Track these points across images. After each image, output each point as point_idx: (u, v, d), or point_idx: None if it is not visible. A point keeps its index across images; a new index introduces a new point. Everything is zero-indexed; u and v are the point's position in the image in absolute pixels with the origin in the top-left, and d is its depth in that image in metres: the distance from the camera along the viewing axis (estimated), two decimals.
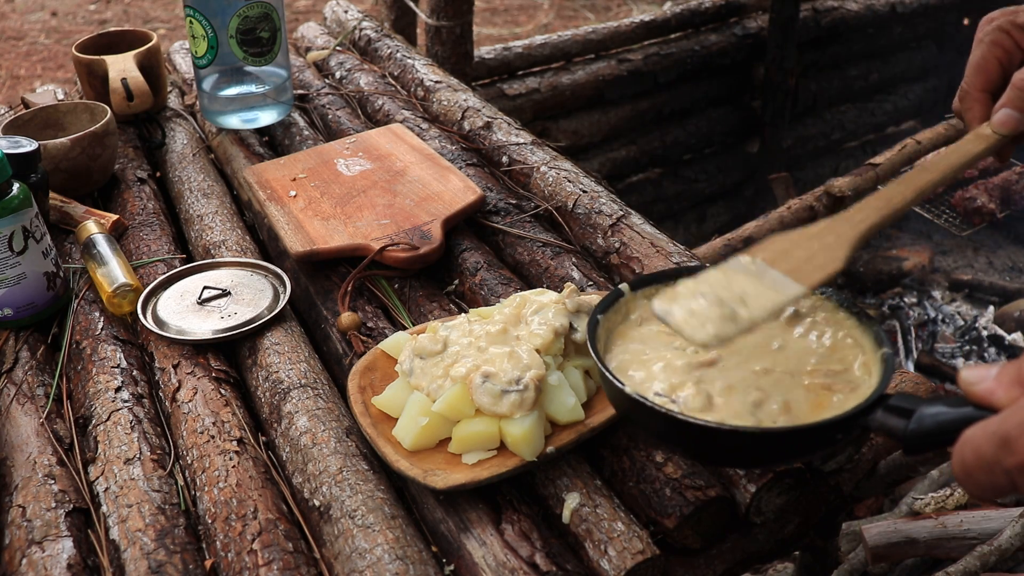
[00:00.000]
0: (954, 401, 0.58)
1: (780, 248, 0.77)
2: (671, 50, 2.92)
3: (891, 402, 0.63)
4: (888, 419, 0.63)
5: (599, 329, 0.79)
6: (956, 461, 0.54)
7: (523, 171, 1.31)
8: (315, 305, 1.08)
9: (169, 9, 4.77)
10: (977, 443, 0.53)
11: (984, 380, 0.56)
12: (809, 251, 0.76)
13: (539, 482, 0.81)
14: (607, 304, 0.81)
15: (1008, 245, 3.08)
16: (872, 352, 0.75)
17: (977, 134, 0.80)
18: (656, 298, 0.75)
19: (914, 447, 0.61)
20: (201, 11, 1.33)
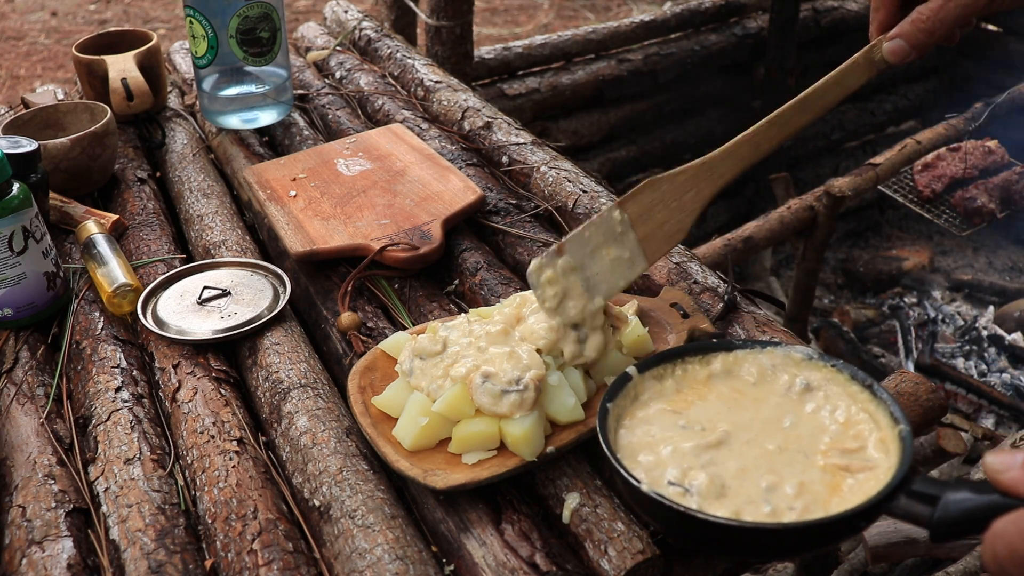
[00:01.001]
0: (979, 486, 0.58)
1: (648, 202, 0.84)
2: (671, 50, 2.92)
3: (915, 487, 0.62)
4: (912, 506, 0.61)
5: (609, 418, 0.75)
6: (988, 554, 0.54)
7: (523, 171, 1.31)
8: (315, 305, 1.09)
9: (169, 9, 4.77)
10: (1010, 539, 0.53)
11: (1011, 469, 0.56)
12: (668, 210, 0.83)
13: (539, 482, 0.81)
14: (616, 390, 0.78)
15: (1008, 245, 3.08)
16: (888, 428, 0.72)
17: (864, 61, 0.80)
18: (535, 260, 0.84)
19: (941, 536, 0.60)
20: (201, 11, 1.33)
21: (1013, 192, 2.39)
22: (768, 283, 2.95)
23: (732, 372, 0.82)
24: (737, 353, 0.82)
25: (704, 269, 1.06)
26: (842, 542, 0.83)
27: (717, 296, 1.01)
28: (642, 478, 0.69)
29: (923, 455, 1.63)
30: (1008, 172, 2.43)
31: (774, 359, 0.81)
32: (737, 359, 0.82)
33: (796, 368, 0.80)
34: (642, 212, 0.84)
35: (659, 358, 0.82)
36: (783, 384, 0.79)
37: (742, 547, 0.68)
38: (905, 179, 2.46)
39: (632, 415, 0.78)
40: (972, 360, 2.46)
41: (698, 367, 0.82)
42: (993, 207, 2.35)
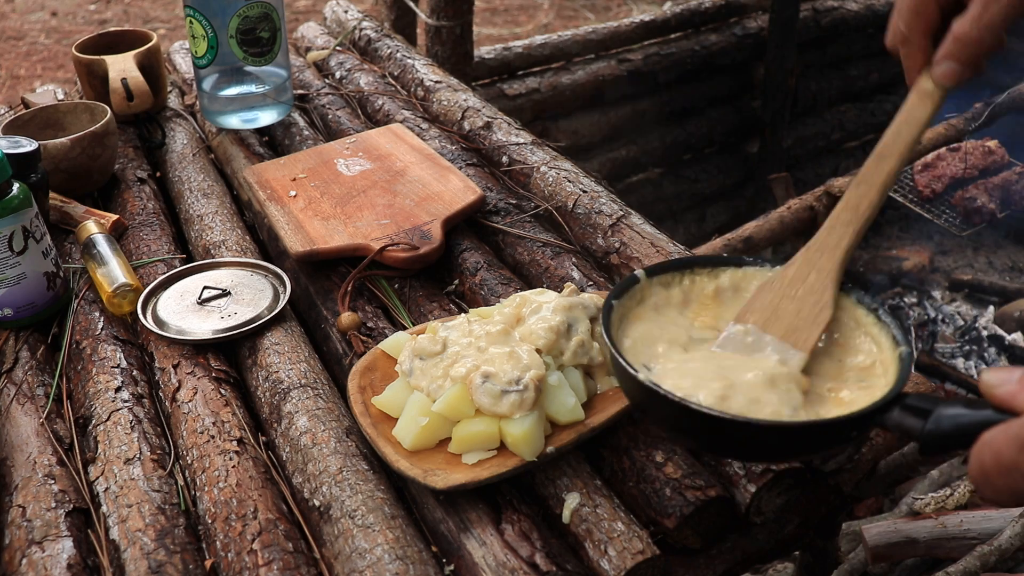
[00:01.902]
0: (973, 403, 0.58)
1: (767, 304, 0.77)
2: (671, 50, 2.92)
3: (908, 401, 0.62)
4: (905, 418, 0.62)
5: (613, 314, 0.77)
6: (974, 463, 0.53)
7: (523, 171, 1.31)
8: (315, 305, 1.08)
9: (169, 9, 4.77)
10: (997, 446, 0.52)
11: (1007, 383, 0.55)
12: (795, 300, 0.76)
13: (539, 482, 0.81)
14: (622, 290, 0.79)
15: (1008, 245, 3.08)
16: (890, 350, 0.73)
17: (921, 94, 0.76)
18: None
19: (931, 447, 0.60)
20: (201, 11, 1.33)
21: (1013, 192, 2.39)
22: None
23: (740, 288, 0.82)
24: (747, 270, 0.82)
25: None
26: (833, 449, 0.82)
27: None
28: (640, 370, 0.70)
29: None
30: (1008, 172, 2.43)
31: None
32: (746, 275, 0.82)
33: None
34: (766, 316, 0.77)
35: (668, 265, 0.83)
36: None
37: (730, 444, 0.69)
38: (905, 179, 2.46)
39: (637, 317, 0.79)
40: (972, 360, 2.46)
41: (706, 279, 0.82)
42: (993, 207, 2.35)
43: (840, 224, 0.76)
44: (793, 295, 0.76)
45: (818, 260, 0.76)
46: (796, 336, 0.75)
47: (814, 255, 0.77)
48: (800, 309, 0.75)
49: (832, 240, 0.76)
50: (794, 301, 0.76)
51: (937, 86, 0.75)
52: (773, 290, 0.77)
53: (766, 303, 0.77)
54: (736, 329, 0.77)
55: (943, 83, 0.75)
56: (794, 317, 0.75)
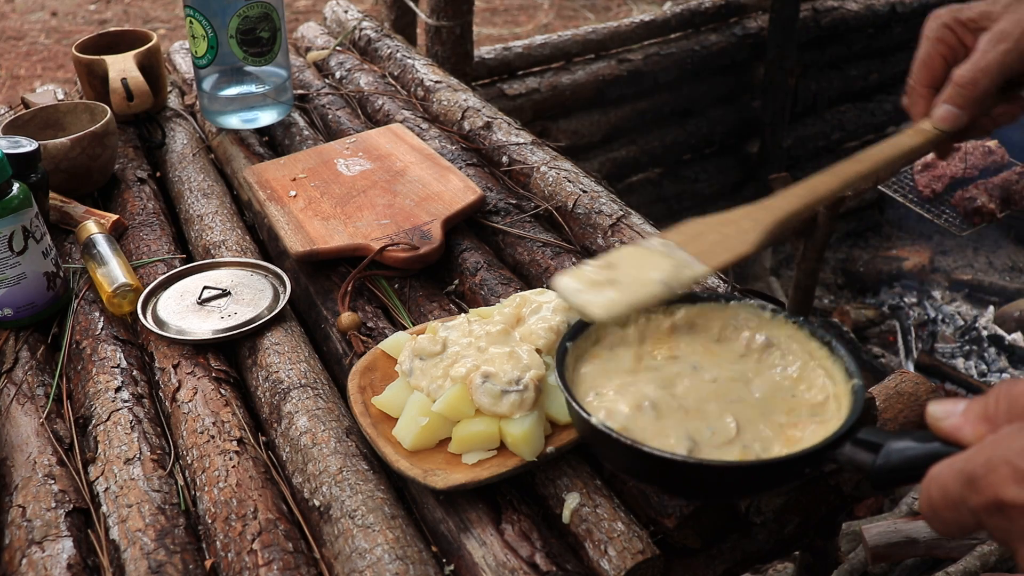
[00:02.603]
0: (921, 435, 0.58)
1: (694, 231, 0.81)
2: (671, 50, 2.91)
3: (859, 436, 0.63)
4: (856, 453, 0.62)
5: (568, 356, 0.77)
6: (923, 498, 0.54)
7: (523, 171, 1.31)
8: (315, 305, 1.08)
9: (169, 9, 4.77)
10: (943, 481, 0.52)
11: (951, 416, 0.55)
12: (722, 235, 0.80)
13: (539, 482, 0.81)
14: (577, 331, 0.79)
15: (1008, 245, 3.08)
16: (843, 383, 0.73)
17: (916, 129, 0.81)
18: (560, 275, 0.79)
19: (881, 482, 0.60)
20: (201, 11, 1.33)
21: (1013, 192, 2.39)
22: (768, 283, 2.95)
23: (695, 324, 0.82)
24: (701, 306, 0.82)
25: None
26: (786, 487, 0.83)
27: None
28: (595, 412, 0.71)
29: None
30: (1008, 172, 2.43)
31: (737, 313, 0.82)
32: (701, 311, 0.82)
33: (758, 323, 0.81)
34: (688, 238, 0.80)
35: None
36: (744, 339, 0.80)
37: (684, 485, 0.70)
38: (905, 179, 2.46)
39: (593, 357, 0.79)
40: (972, 360, 2.46)
41: (662, 317, 0.82)
42: (993, 207, 2.35)
43: (793, 195, 0.81)
44: (721, 231, 0.80)
45: (757, 213, 0.80)
46: (707, 255, 0.78)
47: (756, 210, 0.81)
48: (722, 241, 0.79)
49: (778, 203, 0.81)
50: (720, 235, 0.80)
51: (933, 126, 0.79)
52: (705, 223, 0.82)
53: (692, 230, 0.81)
54: (654, 241, 0.81)
55: (940, 125, 0.79)
56: (713, 244, 0.79)
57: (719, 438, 0.70)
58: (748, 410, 0.73)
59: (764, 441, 0.70)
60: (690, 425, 0.71)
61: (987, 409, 0.54)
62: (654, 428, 0.71)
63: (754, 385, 0.76)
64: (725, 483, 0.68)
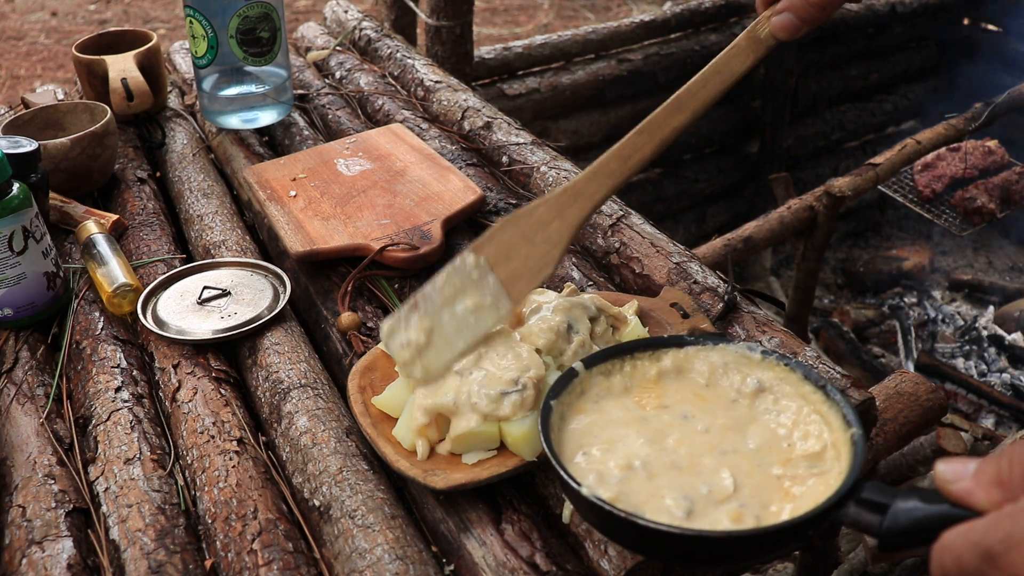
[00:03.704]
0: (929, 495, 0.56)
1: (506, 241, 0.77)
2: (671, 50, 2.92)
3: (864, 495, 0.60)
4: (861, 514, 0.60)
5: (552, 415, 0.73)
6: (935, 567, 0.52)
7: (523, 171, 1.31)
8: (315, 305, 1.09)
9: (169, 9, 4.77)
10: (958, 552, 0.50)
11: (961, 479, 0.53)
12: (531, 244, 0.76)
13: (539, 482, 0.81)
14: (560, 387, 0.76)
15: (1008, 245, 3.09)
16: (840, 431, 0.69)
17: (751, 40, 0.74)
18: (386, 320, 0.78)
19: (890, 545, 0.58)
20: (201, 11, 1.33)
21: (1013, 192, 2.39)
22: (768, 283, 2.95)
23: (683, 369, 0.79)
24: (688, 350, 0.80)
25: (704, 269, 1.06)
26: (789, 551, 0.80)
27: (717, 296, 1.01)
28: (584, 475, 0.68)
29: (923, 455, 1.63)
30: (1008, 172, 2.43)
31: (726, 357, 0.79)
32: (688, 356, 0.80)
33: (748, 367, 0.78)
34: (500, 253, 0.77)
35: (607, 353, 0.80)
36: (734, 384, 0.77)
37: (682, 554, 0.66)
38: (905, 179, 2.46)
39: (578, 411, 0.76)
40: (972, 360, 2.46)
41: (648, 363, 0.79)
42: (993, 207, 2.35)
43: (603, 173, 0.76)
44: (531, 239, 0.77)
45: (567, 207, 0.76)
46: (515, 284, 0.76)
47: (567, 200, 0.76)
48: (529, 256, 0.76)
49: (590, 189, 0.76)
50: (529, 246, 0.76)
51: (770, 35, 0.73)
52: (518, 227, 0.77)
53: (505, 240, 0.77)
54: (470, 260, 0.78)
55: (778, 35, 0.73)
56: (521, 263, 0.76)
57: (716, 496, 0.66)
58: (743, 462, 0.69)
59: (762, 497, 0.66)
60: (685, 483, 0.67)
61: (1000, 474, 0.52)
62: (648, 489, 0.67)
63: (748, 434, 0.72)
64: (726, 552, 0.64)
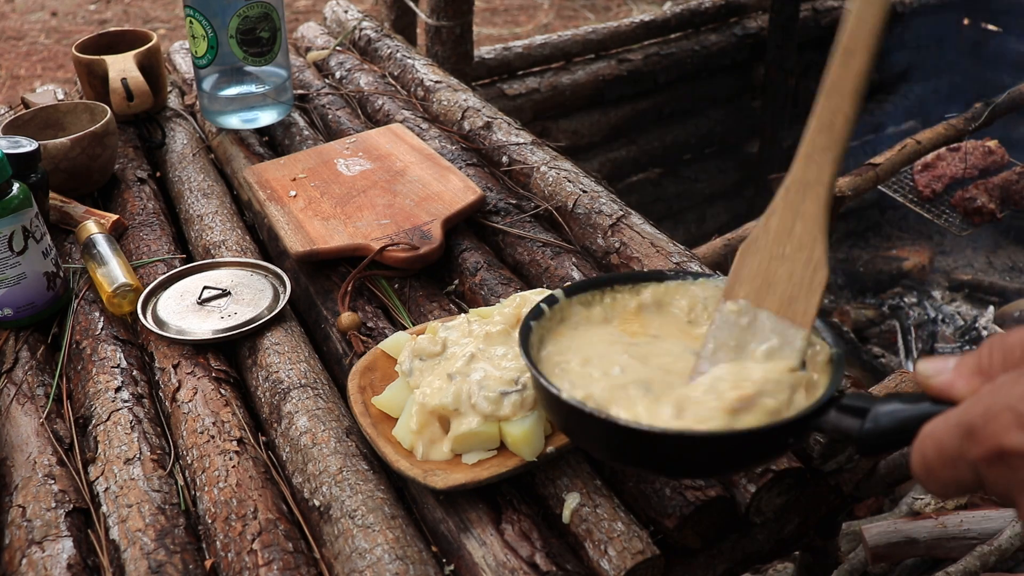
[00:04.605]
0: (910, 397, 0.55)
1: (757, 270, 0.69)
2: (671, 50, 2.91)
3: (844, 402, 0.60)
4: (842, 420, 0.59)
5: (532, 335, 0.73)
6: (916, 458, 0.51)
7: (523, 171, 1.31)
8: (315, 305, 1.08)
9: (169, 9, 4.77)
10: (938, 436, 0.50)
11: (942, 372, 0.53)
12: (786, 260, 0.68)
13: (539, 482, 0.81)
14: (540, 311, 0.76)
15: (1008, 245, 3.08)
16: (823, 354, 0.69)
17: None
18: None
19: (870, 447, 0.57)
20: (201, 11, 1.33)
21: (1013, 192, 2.39)
22: None
23: (663, 303, 0.78)
24: (668, 284, 0.79)
25: (704, 269, 1.07)
26: (770, 461, 0.79)
27: None
28: (563, 387, 0.67)
29: None
30: (1008, 172, 2.43)
31: (706, 291, 0.78)
32: (668, 290, 0.79)
33: None
34: (757, 286, 0.69)
35: (588, 284, 0.79)
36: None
37: (661, 460, 0.66)
38: (905, 179, 2.46)
39: (558, 335, 0.75)
40: None
41: (628, 296, 0.79)
42: (993, 207, 2.35)
43: (817, 151, 0.66)
44: (782, 254, 0.68)
45: (800, 203, 0.67)
46: (794, 309, 0.67)
47: (794, 197, 0.67)
48: (792, 272, 0.67)
49: (812, 174, 0.66)
50: (784, 261, 0.67)
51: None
52: (760, 251, 0.69)
53: (755, 269, 0.69)
54: (728, 308, 0.69)
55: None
56: (787, 283, 0.67)
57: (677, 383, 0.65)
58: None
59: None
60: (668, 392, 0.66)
61: (980, 362, 0.51)
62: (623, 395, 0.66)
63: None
64: (701, 456, 0.63)
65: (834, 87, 0.65)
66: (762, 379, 0.65)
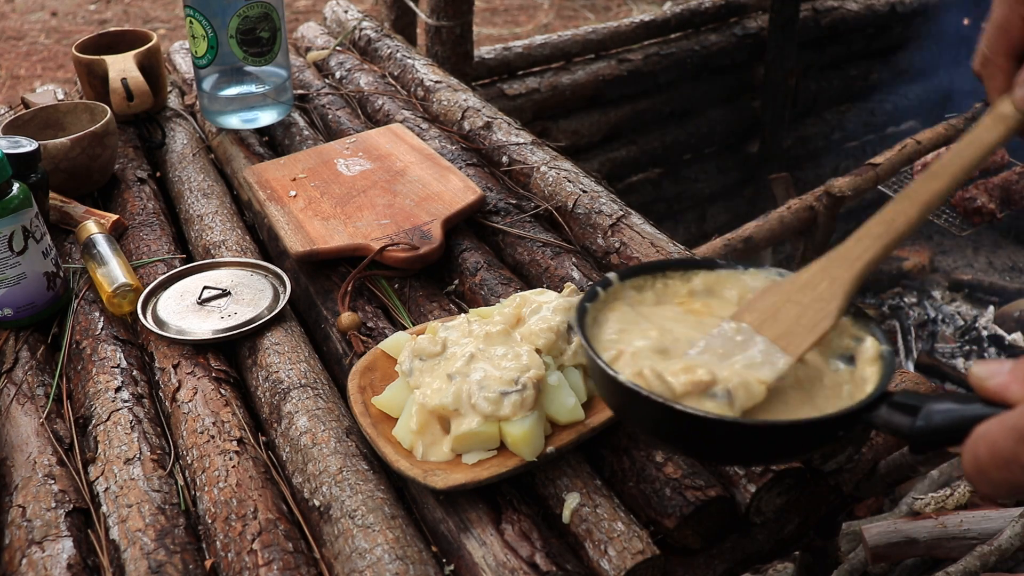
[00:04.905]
0: (962, 397, 0.56)
1: (769, 306, 0.73)
2: (671, 50, 2.92)
3: (896, 398, 0.61)
4: (893, 416, 0.60)
5: (587, 317, 0.74)
6: (968, 458, 0.51)
7: (523, 171, 1.31)
8: (315, 305, 1.08)
9: (169, 9, 4.77)
10: (993, 438, 0.50)
11: (997, 375, 0.53)
12: (800, 305, 0.71)
13: (539, 482, 0.81)
14: (594, 293, 0.77)
15: (1008, 245, 3.08)
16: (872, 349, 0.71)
17: (996, 116, 0.69)
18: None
19: (921, 445, 0.58)
20: (201, 11, 1.33)
21: (1013, 192, 2.39)
22: None
23: (713, 291, 0.80)
24: (720, 272, 0.80)
25: None
26: (818, 449, 0.80)
27: None
28: (620, 370, 0.68)
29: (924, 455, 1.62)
30: (1008, 172, 2.43)
31: (757, 280, 0.79)
32: (719, 278, 0.80)
33: None
34: (764, 317, 0.72)
35: (640, 268, 0.81)
36: None
37: (715, 448, 0.67)
38: (905, 179, 2.46)
39: (612, 309, 0.77)
40: (972, 360, 2.46)
41: (679, 283, 0.80)
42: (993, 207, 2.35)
43: (869, 236, 0.70)
44: (799, 300, 0.72)
45: (835, 270, 0.71)
46: (788, 340, 0.70)
47: (833, 264, 0.72)
48: (802, 315, 0.71)
49: (856, 251, 0.71)
50: (798, 307, 0.71)
51: (1017, 110, 0.68)
52: (779, 293, 0.73)
53: (767, 305, 0.73)
54: (728, 327, 0.73)
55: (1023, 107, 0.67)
56: (793, 322, 0.71)
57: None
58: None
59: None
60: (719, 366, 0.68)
61: None
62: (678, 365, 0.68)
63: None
64: (758, 444, 0.65)
65: (907, 195, 0.71)
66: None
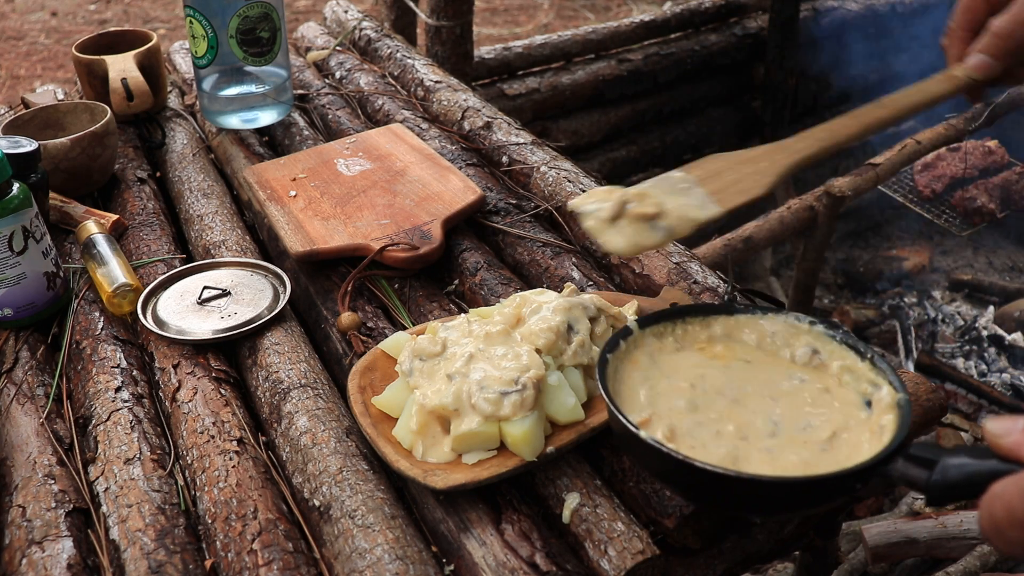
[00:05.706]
0: (978, 451, 0.57)
1: (714, 168, 0.82)
2: (671, 50, 2.92)
3: (912, 451, 0.62)
4: (909, 469, 0.61)
5: (608, 368, 0.76)
6: (984, 516, 0.53)
7: (523, 171, 1.31)
8: (315, 305, 1.09)
9: (169, 9, 4.77)
10: (1008, 499, 0.51)
11: (1012, 433, 0.55)
12: (739, 174, 0.80)
13: (539, 482, 0.81)
14: (615, 343, 0.79)
15: (1008, 245, 3.08)
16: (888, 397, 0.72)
17: (947, 75, 0.81)
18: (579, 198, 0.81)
19: (938, 498, 0.59)
20: (201, 11, 1.33)
21: (1013, 192, 2.39)
22: (768, 283, 2.95)
23: (732, 336, 0.82)
24: (739, 317, 0.83)
25: (704, 269, 1.07)
26: (834, 503, 0.82)
27: (717, 296, 1.01)
28: (639, 426, 0.70)
29: None
30: (1008, 172, 2.43)
31: (775, 325, 0.82)
32: (738, 323, 0.83)
33: (796, 335, 0.81)
34: (707, 175, 0.81)
35: (660, 316, 0.83)
36: (786, 352, 0.80)
37: (731, 499, 0.68)
38: (905, 179, 2.46)
39: (633, 361, 0.79)
40: (972, 360, 2.46)
41: (698, 328, 0.83)
42: (993, 207, 2.35)
43: (812, 137, 0.81)
44: (740, 170, 0.81)
45: (776, 155, 0.81)
46: (722, 196, 0.79)
47: (776, 151, 0.81)
48: (739, 181, 0.80)
49: (798, 146, 0.81)
50: (737, 174, 0.80)
51: (964, 75, 0.79)
52: (725, 160, 0.82)
53: (713, 167, 0.82)
54: (676, 175, 0.81)
55: (972, 73, 0.79)
56: (730, 184, 0.80)
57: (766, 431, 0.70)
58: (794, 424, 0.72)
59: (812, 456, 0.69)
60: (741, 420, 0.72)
61: None
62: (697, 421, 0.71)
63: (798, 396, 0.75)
64: (775, 498, 0.66)
65: (854, 115, 0.80)
66: None
